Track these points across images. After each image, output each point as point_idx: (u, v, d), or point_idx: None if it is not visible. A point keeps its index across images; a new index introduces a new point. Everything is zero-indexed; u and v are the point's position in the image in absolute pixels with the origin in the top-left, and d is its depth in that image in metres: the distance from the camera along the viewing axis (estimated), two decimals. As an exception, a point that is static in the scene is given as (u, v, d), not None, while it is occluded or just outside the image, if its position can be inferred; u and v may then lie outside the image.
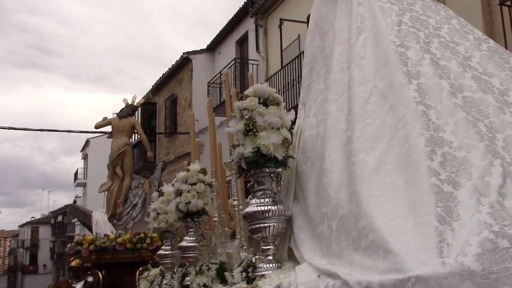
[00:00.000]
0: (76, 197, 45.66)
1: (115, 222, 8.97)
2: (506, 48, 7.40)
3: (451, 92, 2.80)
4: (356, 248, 2.33)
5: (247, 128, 3.01)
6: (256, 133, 2.99)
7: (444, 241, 1.98)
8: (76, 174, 44.68)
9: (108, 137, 30.12)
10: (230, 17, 18.84)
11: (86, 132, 18.54)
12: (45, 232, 54.96)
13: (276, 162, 2.99)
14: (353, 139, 2.83)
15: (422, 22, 3.50)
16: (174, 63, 21.62)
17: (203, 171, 4.13)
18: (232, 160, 3.34)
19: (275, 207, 2.92)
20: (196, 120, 19.67)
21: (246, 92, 3.20)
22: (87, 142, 41.03)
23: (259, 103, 3.11)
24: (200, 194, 4.01)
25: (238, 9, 18.00)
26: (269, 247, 2.93)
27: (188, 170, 4.12)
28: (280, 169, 3.05)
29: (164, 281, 4.47)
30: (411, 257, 1.95)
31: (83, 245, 7.73)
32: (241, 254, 3.44)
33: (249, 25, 17.74)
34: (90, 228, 9.19)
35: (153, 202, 4.79)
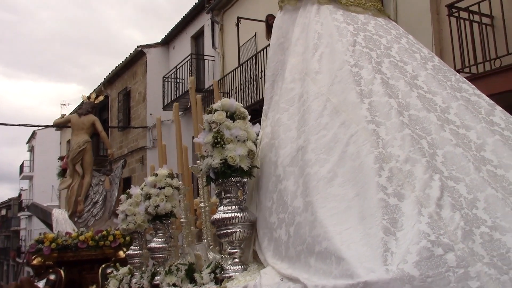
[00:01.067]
0: (21, 190, 44.23)
1: (76, 219, 8.98)
2: (453, 54, 7.96)
3: (399, 111, 3.12)
4: (310, 253, 2.61)
5: (215, 140, 3.25)
6: (223, 145, 3.23)
7: (388, 250, 2.30)
8: (22, 166, 43.19)
9: (56, 130, 29.39)
10: (183, 9, 18.82)
11: (38, 126, 18.19)
12: (-14, 226, 52.79)
13: (242, 172, 3.25)
14: (308, 150, 3.09)
15: (375, 42, 3.80)
16: (127, 56, 21.43)
17: (171, 175, 4.35)
18: (200, 168, 3.58)
19: (241, 214, 3.19)
20: (150, 114, 19.65)
21: (215, 106, 3.42)
22: (34, 134, 39.57)
23: (226, 117, 3.34)
24: (168, 198, 4.23)
25: (194, 4, 18.00)
26: (235, 250, 3.20)
27: (156, 175, 4.34)
28: (245, 179, 3.30)
29: (134, 280, 4.68)
30: (360, 265, 2.25)
31: (44, 243, 7.76)
32: (208, 254, 3.69)
33: (204, 20, 17.73)
34: (50, 226, 9.15)
35: (121, 204, 4.97)
